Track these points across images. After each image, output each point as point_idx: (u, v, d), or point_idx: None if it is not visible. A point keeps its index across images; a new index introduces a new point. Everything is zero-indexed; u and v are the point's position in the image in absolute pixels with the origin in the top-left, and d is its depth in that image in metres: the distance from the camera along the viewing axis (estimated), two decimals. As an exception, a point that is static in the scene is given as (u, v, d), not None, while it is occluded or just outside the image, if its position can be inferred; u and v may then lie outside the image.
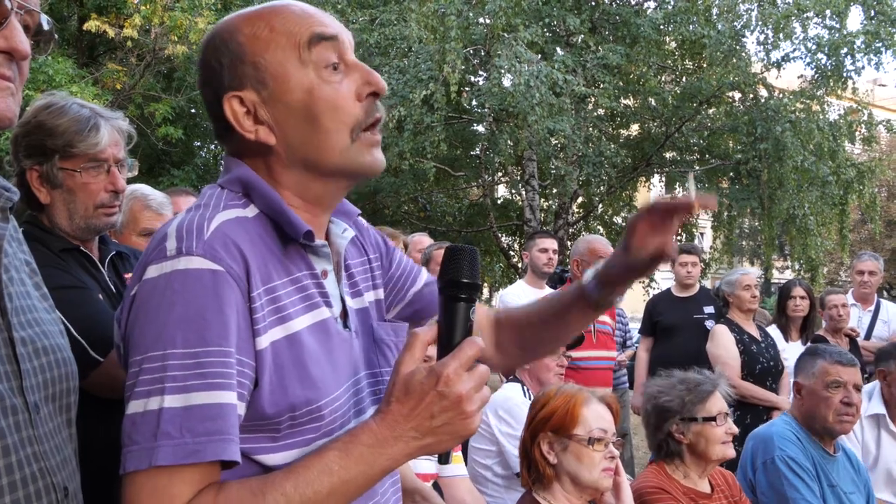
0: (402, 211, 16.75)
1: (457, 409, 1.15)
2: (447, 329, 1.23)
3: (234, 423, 1.12)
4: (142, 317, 1.13)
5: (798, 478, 3.19)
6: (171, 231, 1.18)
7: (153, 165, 15.51)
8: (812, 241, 13.51)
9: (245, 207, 1.27)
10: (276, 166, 1.29)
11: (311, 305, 1.27)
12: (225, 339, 1.12)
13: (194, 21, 12.04)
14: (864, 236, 25.87)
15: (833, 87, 13.12)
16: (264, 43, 1.25)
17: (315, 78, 1.25)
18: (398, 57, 12.38)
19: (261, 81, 1.26)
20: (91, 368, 1.90)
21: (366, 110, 1.28)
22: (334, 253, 1.37)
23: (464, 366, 1.16)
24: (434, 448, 1.19)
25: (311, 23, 1.27)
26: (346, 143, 1.27)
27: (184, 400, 1.09)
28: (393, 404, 1.16)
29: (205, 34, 1.36)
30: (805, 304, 6.00)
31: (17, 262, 1.29)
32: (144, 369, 1.11)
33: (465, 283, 1.24)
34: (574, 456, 2.54)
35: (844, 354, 3.50)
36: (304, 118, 1.25)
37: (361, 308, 1.42)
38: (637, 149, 15.19)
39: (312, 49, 1.25)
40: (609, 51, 12.56)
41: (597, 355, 4.83)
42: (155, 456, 1.07)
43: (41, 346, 1.25)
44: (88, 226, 2.14)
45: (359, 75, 1.29)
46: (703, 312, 6.41)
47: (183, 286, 1.12)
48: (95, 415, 1.70)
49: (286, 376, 1.19)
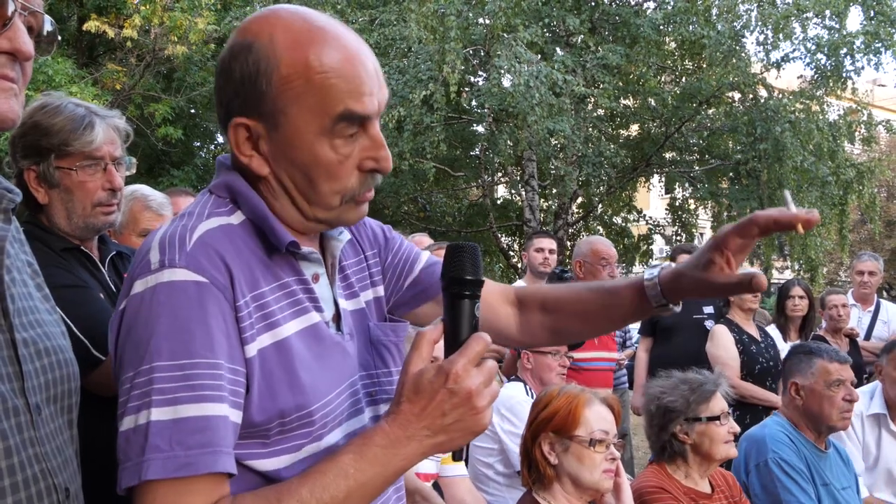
0: (402, 211, 16.75)
1: (467, 405, 1.15)
2: (453, 327, 1.23)
3: (224, 435, 1.11)
4: (131, 334, 1.13)
5: (792, 480, 3.19)
6: (154, 244, 1.18)
7: (153, 166, 15.51)
8: (812, 241, 13.52)
9: (231, 214, 1.26)
10: (264, 191, 1.28)
11: (299, 311, 1.26)
12: (211, 351, 1.11)
13: (194, 21, 12.05)
14: (864, 236, 25.88)
15: (833, 88, 13.14)
16: (295, 94, 1.19)
17: (327, 147, 1.22)
18: (398, 57, 12.38)
19: (274, 124, 1.22)
20: (93, 367, 1.90)
21: (361, 182, 1.26)
22: (329, 255, 1.37)
23: (472, 362, 1.17)
24: (447, 446, 1.19)
25: (349, 92, 1.20)
26: (335, 205, 1.26)
27: (172, 412, 1.08)
28: (404, 404, 1.16)
29: (233, 32, 1.30)
30: (804, 304, 6.00)
31: (19, 263, 1.29)
32: (135, 384, 1.10)
33: (469, 279, 1.24)
34: (575, 457, 2.54)
35: (839, 353, 3.52)
36: (301, 174, 1.24)
37: (357, 309, 1.42)
38: (637, 149, 15.20)
39: (338, 122, 1.21)
40: (609, 51, 12.56)
41: (598, 356, 4.83)
42: (145, 470, 1.07)
43: (43, 347, 1.24)
44: (87, 225, 2.14)
45: (370, 146, 1.25)
46: (702, 312, 6.40)
47: (168, 298, 1.12)
48: (97, 414, 1.71)
49: (275, 383, 1.18)
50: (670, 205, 17.19)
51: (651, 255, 16.83)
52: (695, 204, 16.77)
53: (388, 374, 1.41)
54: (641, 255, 16.80)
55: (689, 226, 16.72)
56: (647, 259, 16.67)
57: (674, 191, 17.64)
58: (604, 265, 4.93)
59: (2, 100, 1.11)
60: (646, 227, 17.13)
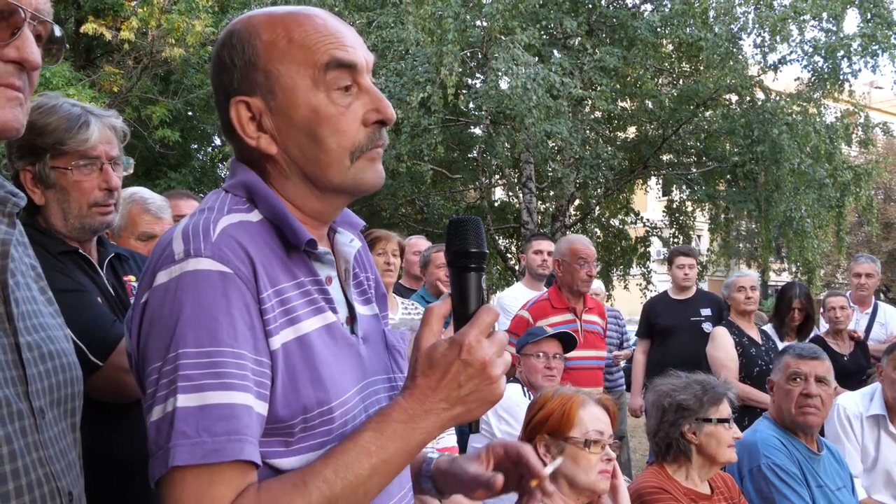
0: (400, 213, 16.74)
1: (482, 375, 1.17)
2: (461, 300, 1.24)
3: (250, 424, 1.11)
4: (156, 324, 1.13)
5: (786, 485, 3.20)
6: (177, 234, 1.18)
7: (150, 168, 15.50)
8: (809, 243, 13.51)
9: (249, 212, 1.27)
10: (275, 175, 1.29)
11: (317, 309, 1.26)
12: (235, 341, 1.12)
13: (191, 24, 12.04)
14: (861, 239, 25.91)
15: (830, 90, 13.15)
16: (280, 53, 1.24)
17: (324, 99, 1.24)
18: (395, 59, 12.37)
19: (270, 91, 1.25)
20: (91, 372, 1.90)
21: (369, 136, 1.28)
22: (343, 260, 1.37)
23: (483, 332, 1.18)
24: (465, 417, 1.20)
25: (331, 44, 1.25)
26: (346, 165, 1.27)
27: (198, 399, 1.08)
28: (419, 378, 1.18)
29: (224, 27, 1.34)
30: (801, 317, 5.99)
31: (23, 266, 1.29)
32: (162, 373, 1.10)
33: (474, 252, 1.25)
34: (570, 458, 2.54)
35: (807, 349, 3.53)
36: (307, 135, 1.25)
37: (372, 315, 1.43)
38: (634, 151, 15.19)
39: (328, 72, 1.24)
40: (606, 53, 12.56)
41: (585, 355, 4.83)
42: (172, 456, 1.07)
43: (46, 350, 1.25)
44: (83, 225, 2.13)
45: (369, 100, 1.28)
46: (700, 315, 6.41)
47: (192, 287, 1.12)
48: (99, 419, 1.70)
49: (298, 378, 1.19)
50: (668, 207, 17.19)
51: (648, 258, 16.82)
52: (692, 206, 16.76)
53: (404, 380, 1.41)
54: (639, 257, 16.80)
55: (687, 228, 16.71)
56: (644, 261, 16.66)
57: (671, 193, 17.63)
58: (581, 264, 4.90)
59: (7, 109, 1.12)
60: (643, 229, 17.13)
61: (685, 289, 6.59)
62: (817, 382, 3.37)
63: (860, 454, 4.05)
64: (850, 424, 4.10)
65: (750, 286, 5.72)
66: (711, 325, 6.23)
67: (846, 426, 4.10)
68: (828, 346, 5.75)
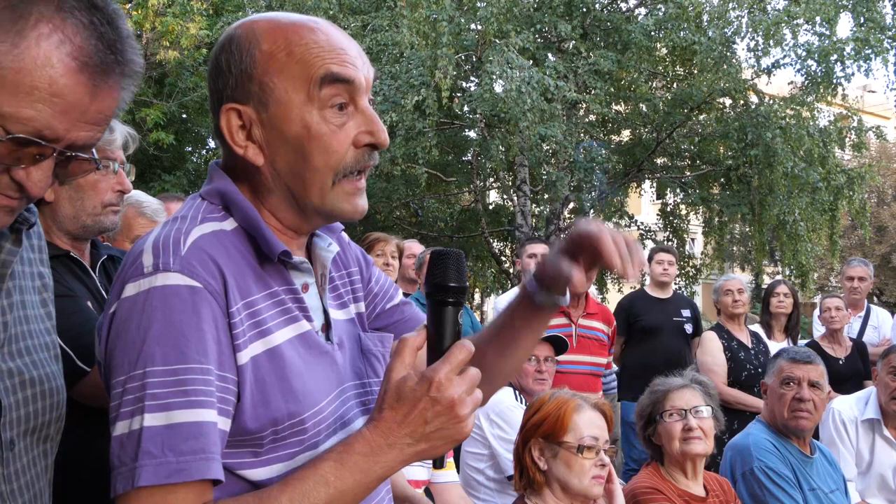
0: (394, 216, 16.75)
1: (450, 413, 1.15)
2: (436, 334, 1.23)
3: (215, 441, 1.11)
4: (122, 337, 1.12)
5: (778, 488, 3.21)
6: (147, 247, 1.17)
7: (144, 171, 15.46)
8: (802, 246, 13.56)
9: (223, 220, 1.25)
10: (260, 186, 1.28)
11: (290, 319, 1.25)
12: (204, 356, 1.11)
13: (186, 26, 12.05)
14: (854, 242, 25.98)
15: (823, 94, 13.19)
16: (278, 66, 1.22)
17: (317, 117, 1.22)
18: (390, 63, 12.38)
19: (263, 102, 1.23)
20: (78, 378, 1.88)
21: (357, 158, 1.25)
22: (320, 266, 1.36)
23: (455, 370, 1.16)
24: (428, 453, 1.18)
25: (330, 58, 1.23)
26: (328, 185, 1.24)
27: (165, 418, 1.08)
28: (386, 411, 1.16)
29: (224, 31, 1.31)
30: (788, 303, 6.02)
31: (25, 282, 1.27)
32: (127, 389, 1.10)
33: (453, 286, 1.23)
34: (564, 463, 2.54)
35: (801, 353, 3.54)
36: (296, 151, 1.23)
37: (348, 319, 1.41)
38: (628, 154, 15.22)
39: (323, 87, 1.22)
40: (600, 57, 12.59)
41: (579, 360, 4.82)
42: (137, 476, 1.06)
43: (29, 377, 1.22)
44: (96, 223, 2.13)
45: (363, 121, 1.25)
46: (681, 315, 6.41)
47: (161, 303, 1.11)
48: (85, 426, 1.69)
49: (268, 390, 1.18)
50: (662, 210, 17.21)
51: (643, 261, 16.83)
52: (686, 209, 16.80)
53: (380, 384, 1.40)
54: (633, 260, 16.80)
55: (681, 231, 16.74)
56: (639, 264, 16.66)
57: (665, 196, 17.64)
58: None
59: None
60: (637, 232, 17.15)
61: (664, 286, 6.52)
62: (810, 387, 3.38)
63: (854, 458, 4.06)
64: (844, 428, 4.10)
65: (737, 289, 5.74)
66: (692, 327, 6.26)
67: (841, 430, 4.11)
68: (823, 351, 5.76)
